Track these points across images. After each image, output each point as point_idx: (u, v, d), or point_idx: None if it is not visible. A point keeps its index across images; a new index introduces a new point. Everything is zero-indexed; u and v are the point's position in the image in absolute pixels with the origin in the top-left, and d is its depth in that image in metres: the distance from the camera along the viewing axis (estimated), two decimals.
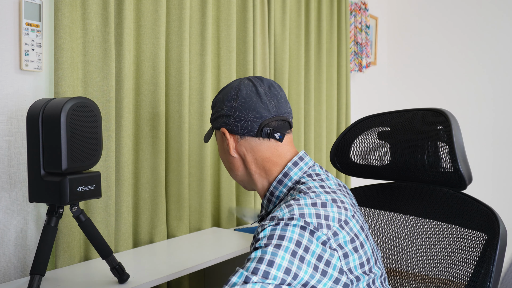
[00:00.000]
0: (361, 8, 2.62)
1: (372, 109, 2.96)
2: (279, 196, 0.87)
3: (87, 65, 1.27)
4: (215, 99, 0.93)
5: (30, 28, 1.16)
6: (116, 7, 1.34)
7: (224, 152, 0.93)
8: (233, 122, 0.88)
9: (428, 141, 0.97)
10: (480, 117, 2.77)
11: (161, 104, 1.46)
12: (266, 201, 0.90)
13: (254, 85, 0.89)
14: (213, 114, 0.93)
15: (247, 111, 0.87)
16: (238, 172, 0.93)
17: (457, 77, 2.85)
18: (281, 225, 0.70)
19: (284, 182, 0.87)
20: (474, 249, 0.86)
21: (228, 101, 0.88)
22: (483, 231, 0.84)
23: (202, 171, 1.62)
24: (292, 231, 0.68)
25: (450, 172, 0.92)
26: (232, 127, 0.88)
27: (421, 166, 0.99)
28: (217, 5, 1.71)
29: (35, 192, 0.98)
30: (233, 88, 0.89)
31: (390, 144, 1.06)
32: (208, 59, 1.61)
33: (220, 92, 0.94)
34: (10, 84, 1.15)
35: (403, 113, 1.04)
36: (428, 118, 0.97)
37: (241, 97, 0.88)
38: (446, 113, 0.93)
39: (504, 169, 2.69)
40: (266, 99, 0.87)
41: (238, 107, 0.87)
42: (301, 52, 2.12)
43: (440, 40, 2.91)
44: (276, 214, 0.73)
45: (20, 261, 1.18)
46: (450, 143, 0.91)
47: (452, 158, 0.91)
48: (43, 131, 0.95)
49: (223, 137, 0.91)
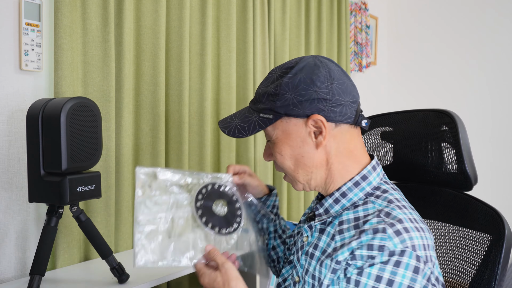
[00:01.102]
0: (361, 8, 2.62)
1: (372, 109, 2.96)
2: (352, 199, 0.78)
3: (87, 65, 1.27)
4: (284, 79, 0.76)
5: (30, 28, 1.16)
6: (116, 7, 1.34)
7: (300, 147, 0.78)
8: (330, 107, 0.74)
9: (433, 141, 0.96)
10: (480, 117, 2.77)
11: (161, 104, 1.46)
12: (332, 201, 0.80)
13: (334, 63, 0.78)
14: (284, 98, 0.75)
15: (345, 94, 0.75)
16: (311, 171, 0.79)
17: (457, 77, 2.85)
18: (393, 263, 0.66)
19: (361, 186, 0.78)
20: (479, 250, 0.85)
21: (321, 82, 0.74)
22: (487, 232, 0.84)
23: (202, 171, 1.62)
24: (403, 275, 0.65)
25: (455, 173, 0.92)
26: (329, 113, 0.75)
27: (425, 166, 0.98)
28: (217, 5, 1.70)
29: (35, 192, 0.98)
30: (317, 65, 0.76)
31: (393, 144, 1.05)
32: (208, 59, 1.61)
33: (288, 69, 0.77)
34: (10, 84, 1.15)
35: (406, 114, 1.03)
36: (433, 119, 0.97)
37: (336, 77, 0.75)
38: (452, 114, 0.92)
39: (506, 170, 2.69)
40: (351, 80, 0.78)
41: (336, 90, 0.74)
42: (301, 52, 2.12)
43: (440, 40, 2.91)
44: (386, 244, 0.67)
45: (20, 261, 1.18)
46: (457, 144, 0.90)
47: (458, 159, 0.90)
48: (43, 131, 0.95)
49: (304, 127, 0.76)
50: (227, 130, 0.82)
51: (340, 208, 0.79)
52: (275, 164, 0.85)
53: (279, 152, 0.80)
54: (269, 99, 0.77)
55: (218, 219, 0.89)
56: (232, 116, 0.86)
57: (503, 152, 2.70)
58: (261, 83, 0.82)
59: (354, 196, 0.78)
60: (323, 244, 0.78)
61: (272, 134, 0.80)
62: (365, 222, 0.73)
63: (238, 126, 0.81)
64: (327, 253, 0.75)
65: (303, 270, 0.80)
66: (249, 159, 1.81)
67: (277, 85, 0.76)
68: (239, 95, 1.80)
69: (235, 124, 0.82)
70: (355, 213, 0.76)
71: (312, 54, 2.17)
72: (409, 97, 3.06)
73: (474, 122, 2.78)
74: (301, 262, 0.81)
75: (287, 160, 0.80)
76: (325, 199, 0.81)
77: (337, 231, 0.76)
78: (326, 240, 0.78)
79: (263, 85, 0.81)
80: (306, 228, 0.84)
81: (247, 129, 0.80)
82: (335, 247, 0.75)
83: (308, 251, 0.80)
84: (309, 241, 0.82)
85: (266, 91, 0.78)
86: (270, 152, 0.85)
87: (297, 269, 0.82)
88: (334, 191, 0.80)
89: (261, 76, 1.89)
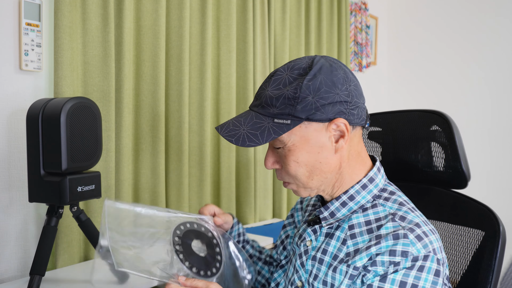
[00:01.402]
0: (361, 8, 2.62)
1: (372, 109, 2.95)
2: (359, 202, 0.77)
3: (87, 65, 1.27)
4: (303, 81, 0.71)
5: (30, 28, 1.16)
6: (116, 7, 1.34)
7: (318, 153, 0.74)
8: (350, 110, 0.72)
9: (424, 141, 0.98)
10: (480, 117, 2.77)
11: (161, 104, 1.46)
12: (339, 204, 0.77)
13: (343, 64, 0.77)
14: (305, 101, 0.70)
15: (360, 96, 0.75)
16: (326, 177, 0.76)
17: (457, 77, 2.85)
18: (417, 268, 0.66)
19: (369, 188, 0.77)
20: (472, 245, 0.88)
21: (341, 84, 0.72)
22: (480, 229, 0.86)
23: (202, 171, 1.62)
24: (425, 279, 0.66)
25: (449, 172, 0.94)
26: (349, 116, 0.72)
27: (415, 165, 1.00)
28: (217, 5, 1.70)
29: (35, 192, 0.98)
30: (333, 67, 0.73)
31: (381, 144, 1.07)
32: (208, 59, 1.61)
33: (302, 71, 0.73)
34: (10, 84, 1.15)
35: (397, 114, 1.05)
36: (425, 119, 0.98)
37: (351, 79, 0.74)
38: (444, 114, 0.95)
39: (499, 170, 2.69)
40: None
41: (353, 92, 0.73)
42: (301, 52, 2.12)
43: (440, 40, 2.91)
44: (409, 250, 0.66)
45: (20, 261, 1.18)
46: (452, 144, 0.92)
47: (454, 158, 0.92)
48: (43, 131, 0.95)
49: (324, 132, 0.73)
50: (235, 139, 0.73)
51: (347, 211, 0.77)
52: (280, 172, 0.78)
53: (295, 159, 0.74)
54: (287, 103, 0.71)
55: (197, 259, 0.81)
56: (235, 123, 0.76)
57: (501, 152, 2.70)
58: (268, 86, 0.75)
59: (362, 199, 0.77)
60: (333, 249, 0.76)
61: (287, 141, 0.73)
62: (379, 227, 0.72)
63: (247, 133, 0.73)
64: (339, 258, 0.74)
65: (308, 275, 0.78)
66: (249, 160, 1.81)
67: (296, 88, 0.71)
68: (239, 95, 1.80)
69: (243, 131, 0.73)
70: (366, 217, 0.75)
71: (312, 54, 2.18)
72: (409, 97, 3.06)
73: (473, 122, 2.78)
74: (306, 267, 0.79)
75: (301, 167, 0.74)
76: (331, 202, 0.79)
77: (348, 235, 0.75)
78: (336, 244, 0.76)
79: (273, 88, 0.74)
80: (310, 232, 0.82)
81: (259, 136, 0.71)
82: (348, 252, 0.74)
83: (316, 256, 0.78)
84: (314, 245, 0.80)
85: (282, 94, 0.72)
86: (275, 160, 0.78)
87: (300, 274, 0.80)
88: (341, 194, 0.78)
89: (261, 76, 1.89)
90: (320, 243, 0.79)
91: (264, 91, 0.75)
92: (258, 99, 0.76)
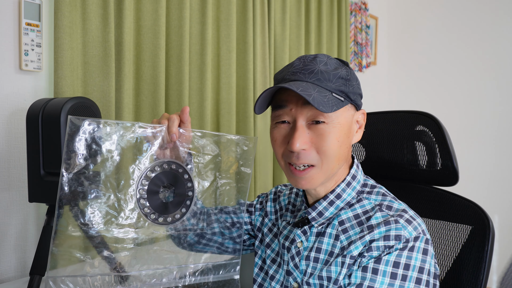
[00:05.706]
0: (361, 8, 2.62)
1: (372, 109, 2.96)
2: (345, 199, 0.79)
3: (87, 65, 1.27)
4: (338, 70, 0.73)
5: (30, 28, 1.16)
6: (116, 7, 1.34)
7: (349, 137, 0.76)
8: (361, 102, 0.79)
9: (410, 140, 1.01)
10: (479, 117, 2.77)
11: (161, 104, 1.46)
12: (326, 203, 0.79)
13: None
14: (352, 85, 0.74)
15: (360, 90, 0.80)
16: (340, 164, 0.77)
17: (457, 77, 2.85)
18: (408, 249, 0.70)
19: (352, 185, 0.80)
20: (461, 240, 0.91)
21: (355, 79, 0.76)
22: (468, 224, 0.89)
23: None
24: (416, 258, 0.69)
25: (437, 170, 0.97)
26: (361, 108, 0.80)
27: (400, 164, 1.03)
28: (217, 5, 1.70)
29: (35, 192, 0.98)
30: (343, 64, 0.77)
31: (364, 145, 1.10)
32: (208, 59, 1.61)
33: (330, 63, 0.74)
34: (10, 84, 1.15)
35: (383, 115, 1.08)
36: (412, 120, 1.01)
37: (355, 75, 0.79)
38: (432, 115, 0.98)
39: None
40: None
41: (359, 86, 0.78)
42: (301, 52, 2.12)
43: (440, 40, 2.91)
44: (401, 233, 0.70)
45: (20, 261, 1.18)
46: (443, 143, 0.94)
47: (444, 157, 0.95)
48: (43, 131, 0.95)
49: (353, 119, 0.77)
50: (311, 98, 0.67)
51: (335, 210, 0.79)
52: (308, 153, 0.73)
53: (338, 138, 0.72)
54: (341, 82, 0.71)
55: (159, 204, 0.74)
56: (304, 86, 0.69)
57: (502, 152, 2.70)
58: (316, 64, 0.72)
59: (348, 196, 0.79)
60: (327, 246, 0.78)
61: (336, 118, 0.72)
62: (368, 218, 0.75)
63: (319, 98, 0.68)
64: (335, 253, 0.76)
65: (303, 275, 0.79)
66: None
67: (347, 71, 0.73)
68: (239, 95, 1.80)
69: (314, 94, 0.68)
70: (354, 211, 0.78)
71: None
72: (409, 97, 3.06)
73: (473, 122, 2.78)
74: (300, 267, 0.80)
75: (340, 148, 0.73)
76: (318, 203, 0.79)
77: (340, 230, 0.77)
78: (329, 241, 0.78)
79: (323, 65, 0.72)
80: (300, 233, 0.82)
81: (326, 104, 0.68)
82: (342, 246, 0.76)
83: (310, 256, 0.79)
84: (306, 246, 0.81)
85: (337, 72, 0.71)
86: (307, 140, 0.72)
87: (295, 276, 0.81)
88: (328, 194, 0.79)
89: (261, 76, 1.89)
90: (312, 242, 0.80)
91: (315, 66, 0.72)
92: (311, 73, 0.72)
